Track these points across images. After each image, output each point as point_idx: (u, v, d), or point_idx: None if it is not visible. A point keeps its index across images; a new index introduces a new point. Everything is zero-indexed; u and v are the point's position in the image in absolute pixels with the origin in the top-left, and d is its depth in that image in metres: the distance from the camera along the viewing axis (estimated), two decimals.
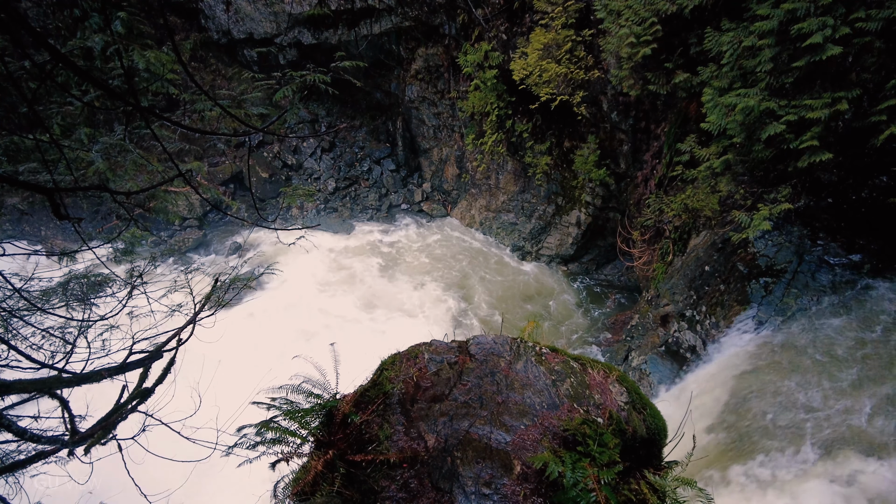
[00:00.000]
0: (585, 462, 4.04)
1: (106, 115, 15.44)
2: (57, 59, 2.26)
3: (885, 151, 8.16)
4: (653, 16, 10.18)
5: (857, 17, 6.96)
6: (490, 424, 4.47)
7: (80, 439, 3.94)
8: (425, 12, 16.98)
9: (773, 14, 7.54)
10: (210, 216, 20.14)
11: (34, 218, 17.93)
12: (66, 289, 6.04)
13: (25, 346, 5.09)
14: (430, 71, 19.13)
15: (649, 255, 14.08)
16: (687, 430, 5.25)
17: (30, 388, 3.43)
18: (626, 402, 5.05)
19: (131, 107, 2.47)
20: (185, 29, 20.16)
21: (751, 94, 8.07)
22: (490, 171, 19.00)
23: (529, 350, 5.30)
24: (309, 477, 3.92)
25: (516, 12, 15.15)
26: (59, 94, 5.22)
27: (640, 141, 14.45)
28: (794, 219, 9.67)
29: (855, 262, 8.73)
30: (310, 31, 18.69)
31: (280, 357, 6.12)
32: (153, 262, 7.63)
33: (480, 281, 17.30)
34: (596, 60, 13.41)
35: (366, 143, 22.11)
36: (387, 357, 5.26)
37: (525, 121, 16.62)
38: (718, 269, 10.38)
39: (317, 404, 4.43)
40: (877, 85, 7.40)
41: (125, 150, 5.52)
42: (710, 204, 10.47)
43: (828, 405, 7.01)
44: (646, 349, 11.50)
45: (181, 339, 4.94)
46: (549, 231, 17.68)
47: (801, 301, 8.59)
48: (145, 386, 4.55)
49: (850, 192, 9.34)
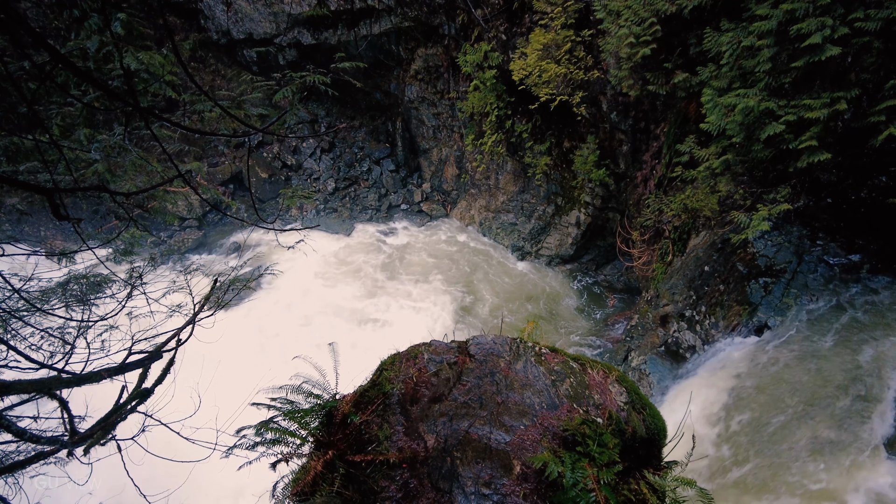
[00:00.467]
0: (585, 462, 4.04)
1: (105, 115, 15.44)
2: (57, 60, 2.26)
3: (884, 151, 8.16)
4: (652, 16, 10.18)
5: (856, 18, 6.96)
6: (490, 424, 4.48)
7: (80, 440, 3.93)
8: (425, 13, 16.98)
9: (773, 14, 7.54)
10: (209, 216, 20.14)
11: (34, 218, 17.93)
12: (65, 289, 6.04)
13: (25, 347, 5.09)
14: (430, 71, 19.13)
15: (649, 255, 14.08)
16: (686, 429, 5.25)
17: (29, 389, 3.43)
18: (626, 402, 5.05)
19: (131, 107, 2.47)
20: (184, 29, 20.17)
21: (750, 95, 8.07)
22: (489, 171, 19.00)
23: (529, 350, 5.30)
24: (308, 477, 3.92)
25: (516, 12, 15.15)
26: (59, 94, 5.22)
27: (639, 141, 14.45)
28: (794, 219, 9.68)
29: (854, 263, 8.74)
30: (309, 32, 18.69)
31: (280, 357, 6.13)
32: (152, 262, 7.64)
33: (480, 281, 17.30)
34: (595, 61, 13.42)
35: (365, 144, 22.11)
36: (386, 357, 5.26)
37: (525, 121, 16.62)
38: (718, 270, 10.39)
39: (316, 405, 4.44)
40: (876, 85, 7.40)
41: (125, 150, 5.52)
42: (710, 204, 10.47)
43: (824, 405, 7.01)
44: (645, 349, 11.50)
45: (180, 339, 4.93)
46: (549, 231, 17.68)
47: (801, 301, 8.59)
48: (145, 386, 4.55)
49: (850, 193, 9.35)
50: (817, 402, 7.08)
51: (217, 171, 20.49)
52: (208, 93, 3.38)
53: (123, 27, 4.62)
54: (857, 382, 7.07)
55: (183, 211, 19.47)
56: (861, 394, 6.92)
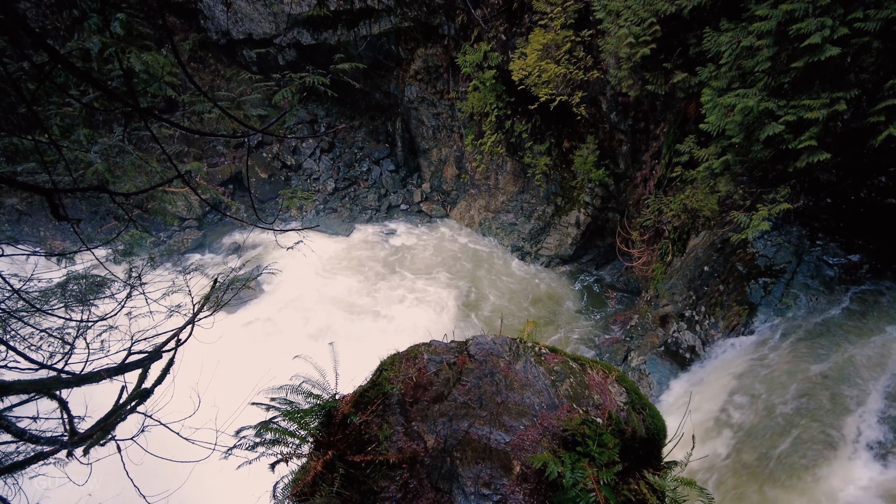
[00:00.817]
0: (585, 462, 4.04)
1: (105, 116, 15.44)
2: (56, 60, 2.26)
3: (883, 152, 8.16)
4: (652, 16, 10.18)
5: (856, 18, 6.97)
6: (489, 425, 4.48)
7: (79, 440, 3.93)
8: (424, 13, 16.98)
9: (772, 15, 7.55)
10: (209, 217, 20.14)
11: (33, 219, 17.92)
12: (64, 290, 6.04)
13: (24, 347, 5.09)
14: (430, 71, 19.13)
15: (648, 255, 14.09)
16: (686, 430, 5.26)
17: (29, 389, 3.43)
18: (626, 402, 5.05)
19: (130, 108, 2.47)
20: (184, 29, 20.16)
21: (749, 95, 8.07)
22: (489, 171, 19.00)
23: (528, 350, 5.30)
24: (308, 477, 3.92)
25: (515, 13, 15.15)
26: (58, 94, 5.22)
27: (639, 141, 14.45)
28: (793, 219, 9.68)
29: (854, 263, 8.74)
30: (309, 32, 18.69)
31: (279, 357, 6.11)
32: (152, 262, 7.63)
33: (479, 281, 17.30)
34: (595, 61, 13.42)
35: (365, 144, 22.10)
36: (386, 357, 5.26)
37: (524, 121, 16.62)
38: (717, 270, 10.39)
39: (316, 405, 4.43)
40: (875, 85, 7.40)
41: (124, 151, 5.52)
42: (709, 204, 10.48)
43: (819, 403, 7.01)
44: (645, 349, 11.50)
45: (180, 339, 4.93)
46: (549, 231, 17.68)
47: (800, 301, 8.60)
48: (144, 387, 4.55)
49: (849, 193, 9.35)
50: (815, 402, 7.08)
51: (217, 172, 20.49)
52: (208, 94, 3.38)
53: (123, 27, 4.62)
54: (854, 383, 7.07)
55: (182, 211, 19.47)
56: (857, 394, 6.93)
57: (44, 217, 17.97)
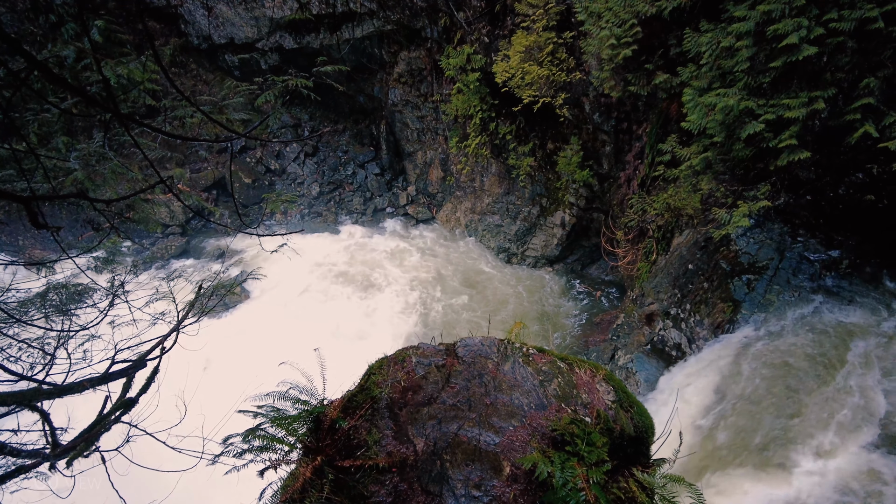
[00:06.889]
0: (574, 461, 4.05)
1: (85, 122, 15.22)
2: (33, 67, 2.22)
3: (859, 149, 8.32)
4: (633, 17, 10.28)
5: (831, 18, 7.10)
6: (479, 426, 4.48)
7: (62, 452, 3.86)
8: (407, 16, 16.99)
9: (750, 15, 7.67)
10: (193, 223, 19.92)
11: (11, 227, 17.59)
12: (44, 299, 5.93)
13: (3, 358, 4.99)
14: (413, 74, 19.14)
15: (633, 254, 14.21)
16: (673, 427, 5.31)
17: (8, 401, 3.36)
18: (614, 400, 5.08)
19: (111, 113, 2.43)
20: (164, 34, 19.95)
21: (730, 94, 8.19)
22: (474, 173, 19.05)
23: (517, 351, 5.31)
24: (297, 484, 3.89)
25: (498, 15, 15.22)
26: (36, 101, 5.13)
27: (622, 142, 14.58)
28: (775, 216, 9.82)
29: (834, 258, 8.89)
30: (291, 36, 18.60)
31: (266, 363, 6.06)
32: (135, 270, 7.52)
33: (466, 283, 17.31)
34: (577, 62, 13.52)
35: (349, 147, 22.04)
36: (374, 361, 5.24)
37: (508, 123, 16.69)
38: (702, 268, 10.51)
39: (304, 411, 4.40)
40: (851, 84, 7.55)
41: (104, 157, 5.44)
42: (692, 202, 10.60)
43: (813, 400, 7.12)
44: (632, 348, 11.59)
45: (165, 347, 4.87)
46: (534, 232, 17.76)
47: (783, 297, 8.72)
48: (129, 396, 4.48)
49: (828, 190, 9.52)
50: (797, 397, 7.19)
51: (200, 177, 20.29)
52: (190, 98, 3.35)
53: (101, 34, 4.56)
54: (837, 377, 7.19)
55: (166, 218, 19.24)
56: (839, 388, 7.05)
57: (22, 226, 17.65)
